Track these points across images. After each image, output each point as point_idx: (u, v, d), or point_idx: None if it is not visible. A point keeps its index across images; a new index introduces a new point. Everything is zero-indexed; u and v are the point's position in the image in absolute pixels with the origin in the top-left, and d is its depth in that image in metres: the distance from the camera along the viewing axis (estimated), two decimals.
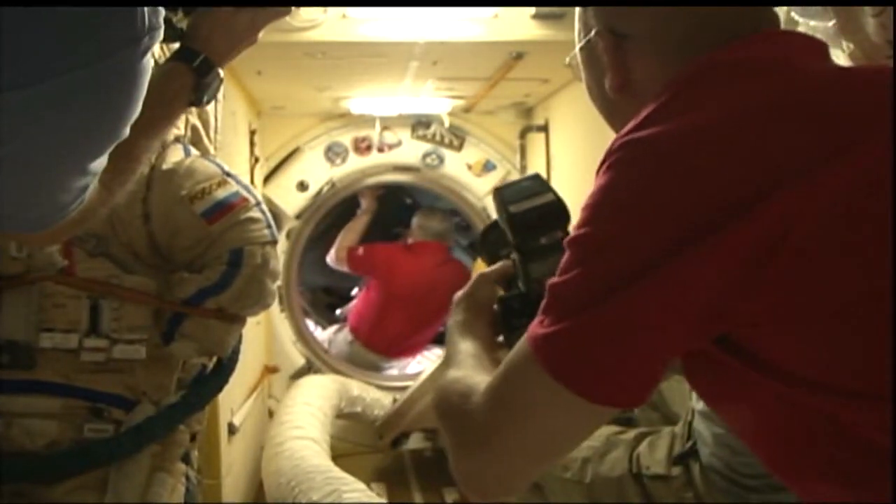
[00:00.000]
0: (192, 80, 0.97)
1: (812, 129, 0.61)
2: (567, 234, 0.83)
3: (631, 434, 1.47)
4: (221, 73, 1.00)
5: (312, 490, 1.78)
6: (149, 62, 0.67)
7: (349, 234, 3.82)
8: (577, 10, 0.83)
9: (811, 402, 0.62)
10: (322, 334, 3.86)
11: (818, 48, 0.74)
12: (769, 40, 0.72)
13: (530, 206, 0.86)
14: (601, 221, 0.64)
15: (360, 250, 3.76)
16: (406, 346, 3.78)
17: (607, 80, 0.78)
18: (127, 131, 0.71)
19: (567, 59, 0.87)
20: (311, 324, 3.77)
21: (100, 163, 0.73)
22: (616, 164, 0.64)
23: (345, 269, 3.81)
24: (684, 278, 0.59)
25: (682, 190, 0.61)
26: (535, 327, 0.66)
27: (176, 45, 1.01)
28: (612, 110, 0.81)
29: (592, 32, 0.79)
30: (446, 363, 0.82)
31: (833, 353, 0.60)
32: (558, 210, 0.86)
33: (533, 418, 0.65)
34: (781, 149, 0.60)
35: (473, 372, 0.76)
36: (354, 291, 4.31)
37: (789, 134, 0.61)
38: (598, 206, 0.64)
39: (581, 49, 0.83)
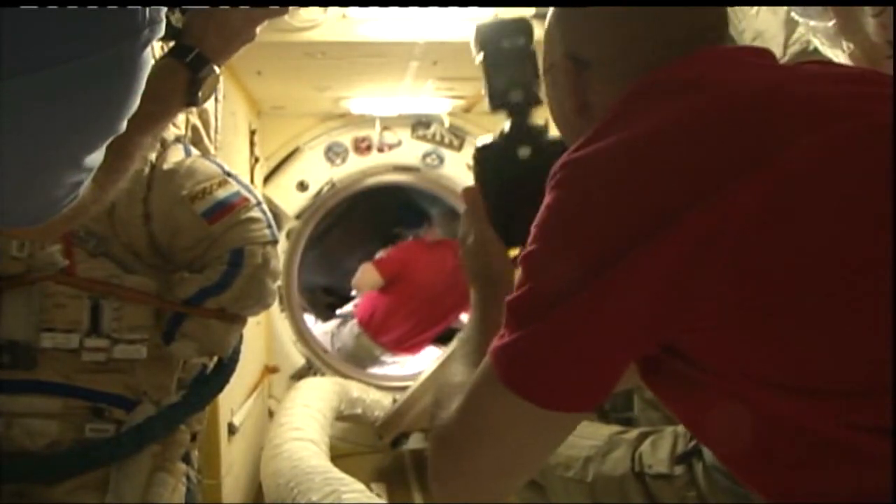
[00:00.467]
0: (186, 76, 0.95)
1: (737, 137, 0.64)
2: (529, 46, 0.94)
3: (633, 433, 1.47)
4: (217, 70, 1.00)
5: (311, 491, 1.78)
6: (148, 56, 0.67)
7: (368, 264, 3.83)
8: (544, 34, 0.86)
9: (763, 401, 0.63)
10: (323, 326, 3.85)
11: (757, 57, 0.76)
12: (702, 56, 0.75)
13: (496, 20, 0.97)
14: (546, 238, 0.68)
15: (384, 254, 3.77)
16: (413, 343, 3.78)
17: (567, 103, 0.82)
18: (124, 126, 0.70)
19: None
20: (310, 318, 3.75)
21: (94, 158, 0.72)
22: (558, 183, 0.68)
23: (376, 283, 3.76)
24: (622, 286, 0.62)
25: (614, 203, 0.64)
26: (494, 341, 0.69)
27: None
28: (572, 132, 0.84)
29: (556, 57, 0.83)
30: (460, 348, 0.85)
31: (776, 352, 0.62)
32: (521, 23, 0.95)
33: (496, 433, 0.68)
34: (706, 158, 0.63)
35: (471, 374, 0.77)
36: (354, 291, 4.30)
37: (714, 143, 0.64)
38: (543, 224, 0.68)
39: (545, 72, 0.86)
